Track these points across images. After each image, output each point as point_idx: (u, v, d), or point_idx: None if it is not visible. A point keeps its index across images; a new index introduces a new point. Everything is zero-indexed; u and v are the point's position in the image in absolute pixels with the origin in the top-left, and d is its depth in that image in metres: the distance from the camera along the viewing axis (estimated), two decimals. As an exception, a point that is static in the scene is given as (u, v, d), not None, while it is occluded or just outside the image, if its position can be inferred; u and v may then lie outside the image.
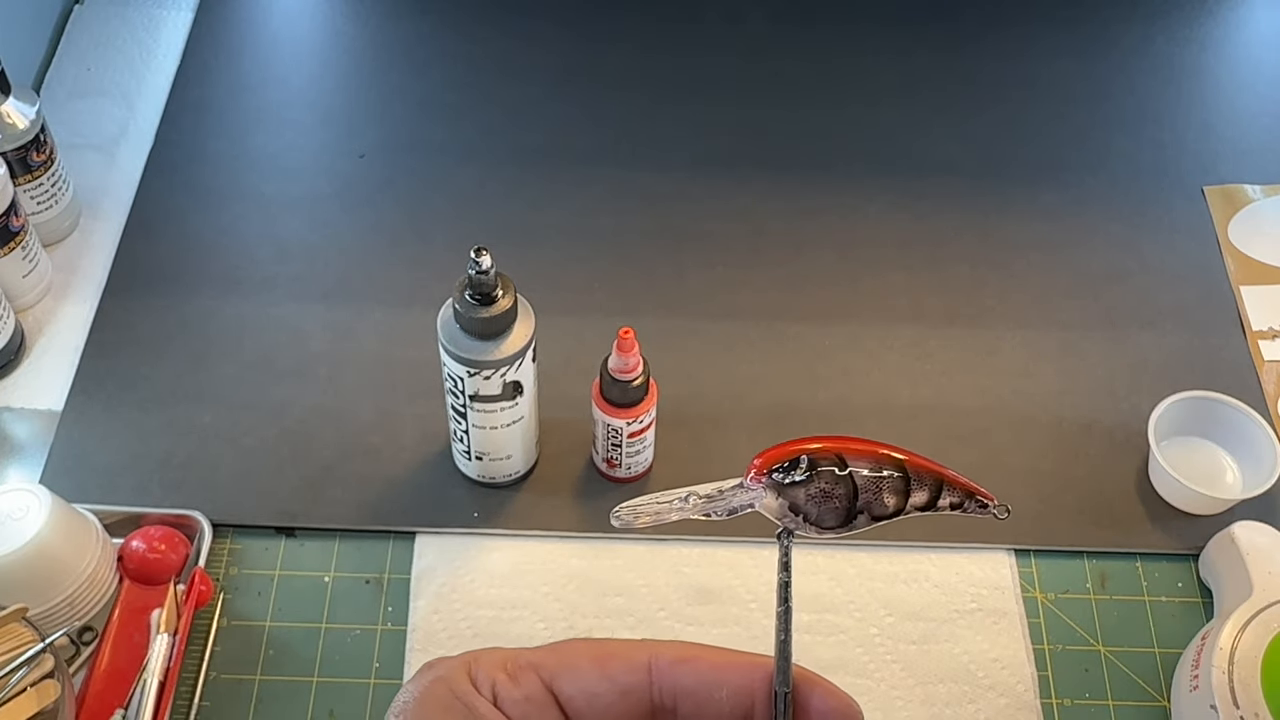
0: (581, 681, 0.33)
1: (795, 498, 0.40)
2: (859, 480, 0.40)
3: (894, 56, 1.02)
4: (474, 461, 0.74)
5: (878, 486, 0.40)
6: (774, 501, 0.40)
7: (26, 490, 0.66)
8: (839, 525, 0.40)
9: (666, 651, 0.34)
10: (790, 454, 0.40)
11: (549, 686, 0.33)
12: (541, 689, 0.33)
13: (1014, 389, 0.82)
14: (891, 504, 0.40)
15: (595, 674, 0.33)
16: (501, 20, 1.03)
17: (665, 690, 0.33)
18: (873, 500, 0.40)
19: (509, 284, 0.64)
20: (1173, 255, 0.90)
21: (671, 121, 0.97)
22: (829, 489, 0.40)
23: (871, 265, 0.88)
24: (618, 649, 0.34)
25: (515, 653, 0.34)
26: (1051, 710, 0.70)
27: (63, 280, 0.86)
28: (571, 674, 0.33)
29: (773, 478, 0.40)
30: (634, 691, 0.33)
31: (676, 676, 0.33)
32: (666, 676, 0.33)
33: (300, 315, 0.84)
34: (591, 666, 0.33)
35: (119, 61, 1.00)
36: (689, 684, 0.33)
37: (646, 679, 0.33)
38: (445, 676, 0.33)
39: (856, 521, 0.40)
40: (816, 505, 0.40)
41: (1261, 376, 0.83)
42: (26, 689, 0.60)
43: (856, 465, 0.40)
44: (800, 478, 0.39)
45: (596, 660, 0.33)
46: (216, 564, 0.73)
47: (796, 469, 0.40)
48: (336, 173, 0.92)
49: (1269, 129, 0.98)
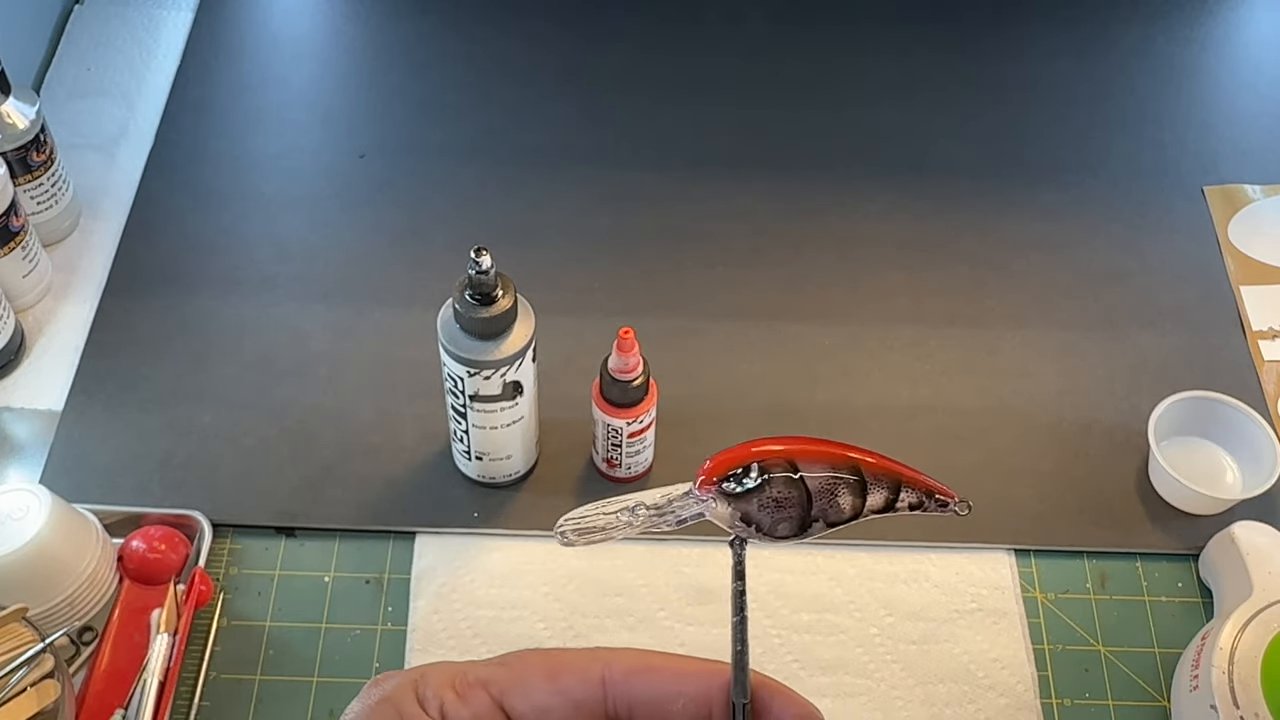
0: (533, 697, 0.32)
1: (747, 507, 0.38)
2: (812, 486, 0.38)
3: (894, 56, 1.02)
4: (474, 461, 0.74)
5: (832, 491, 0.38)
6: (725, 510, 0.38)
7: (26, 490, 0.66)
8: (794, 533, 0.38)
9: (621, 661, 0.33)
10: (739, 460, 0.38)
11: (499, 703, 0.32)
12: (491, 706, 0.32)
13: (1014, 389, 0.82)
14: (848, 508, 0.38)
15: (547, 688, 0.32)
16: (501, 20, 1.03)
17: (620, 702, 0.32)
18: (828, 506, 0.38)
19: (509, 284, 0.64)
20: (1173, 255, 0.90)
21: (671, 121, 0.97)
22: (781, 496, 0.38)
23: (871, 265, 0.88)
24: (570, 660, 0.33)
25: (463, 668, 0.33)
26: (1051, 710, 0.70)
27: (63, 280, 0.86)
28: (522, 689, 0.32)
29: (722, 487, 0.38)
30: (587, 704, 0.32)
31: (631, 687, 0.33)
32: (621, 688, 0.33)
33: (300, 315, 0.84)
34: (543, 681, 0.33)
35: (119, 61, 1.00)
36: (644, 695, 0.33)
37: (600, 691, 0.33)
38: (391, 696, 0.32)
39: (812, 528, 0.38)
40: (769, 514, 0.38)
41: (1261, 376, 0.83)
42: (26, 689, 0.60)
43: (809, 470, 0.38)
44: (751, 486, 0.38)
45: (548, 674, 0.33)
46: (216, 564, 0.73)
47: (747, 477, 0.38)
48: (336, 173, 0.92)
49: (1269, 129, 0.98)
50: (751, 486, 0.38)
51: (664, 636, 0.71)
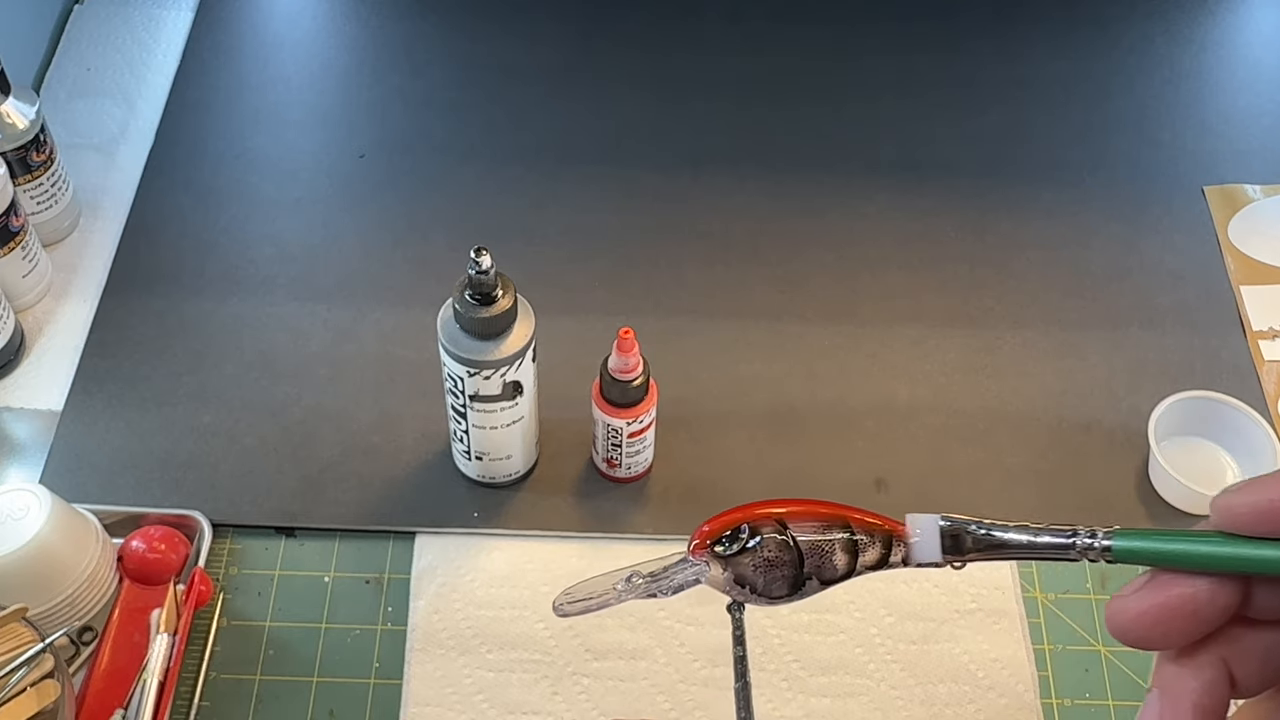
0: None
1: (740, 568, 0.39)
2: (803, 545, 0.39)
3: (894, 56, 1.02)
4: (474, 461, 0.74)
5: (823, 549, 0.39)
6: (719, 574, 0.39)
7: (26, 490, 0.66)
8: (788, 593, 0.39)
9: None
10: (730, 525, 0.39)
11: None
12: None
13: (1014, 389, 0.82)
14: (841, 565, 0.39)
15: None
16: (501, 20, 1.03)
17: None
18: (821, 564, 0.39)
19: (509, 284, 0.64)
20: (1173, 255, 0.90)
21: (671, 121, 0.97)
22: (773, 556, 0.39)
23: (871, 265, 0.88)
24: None
25: None
26: (1051, 710, 0.70)
27: (63, 280, 0.86)
28: None
29: (715, 550, 0.39)
30: None
31: None
32: None
33: (300, 315, 0.84)
34: None
35: (119, 61, 1.00)
36: None
37: None
38: None
39: (806, 587, 0.39)
40: (762, 575, 0.39)
41: (1261, 376, 0.83)
42: (26, 689, 0.60)
43: (799, 529, 0.39)
44: (742, 547, 0.39)
45: None
46: (216, 564, 0.73)
47: (737, 540, 0.39)
48: (336, 173, 0.92)
49: (1269, 129, 0.98)
50: (743, 548, 0.39)
51: (664, 637, 0.71)
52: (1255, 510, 0.29)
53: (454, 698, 0.69)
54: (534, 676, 0.69)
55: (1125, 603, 0.31)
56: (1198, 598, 0.30)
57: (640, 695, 0.69)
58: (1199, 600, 0.30)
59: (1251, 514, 0.29)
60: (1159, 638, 0.31)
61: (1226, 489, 0.30)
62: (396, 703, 0.69)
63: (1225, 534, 0.30)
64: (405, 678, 0.69)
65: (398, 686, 0.69)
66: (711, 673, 0.70)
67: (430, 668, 0.70)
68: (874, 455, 0.79)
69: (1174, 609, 0.30)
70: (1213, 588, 0.30)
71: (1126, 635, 0.31)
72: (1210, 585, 0.30)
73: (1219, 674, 0.30)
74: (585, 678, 0.70)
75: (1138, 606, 0.31)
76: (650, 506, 0.76)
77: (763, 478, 0.77)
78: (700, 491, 0.77)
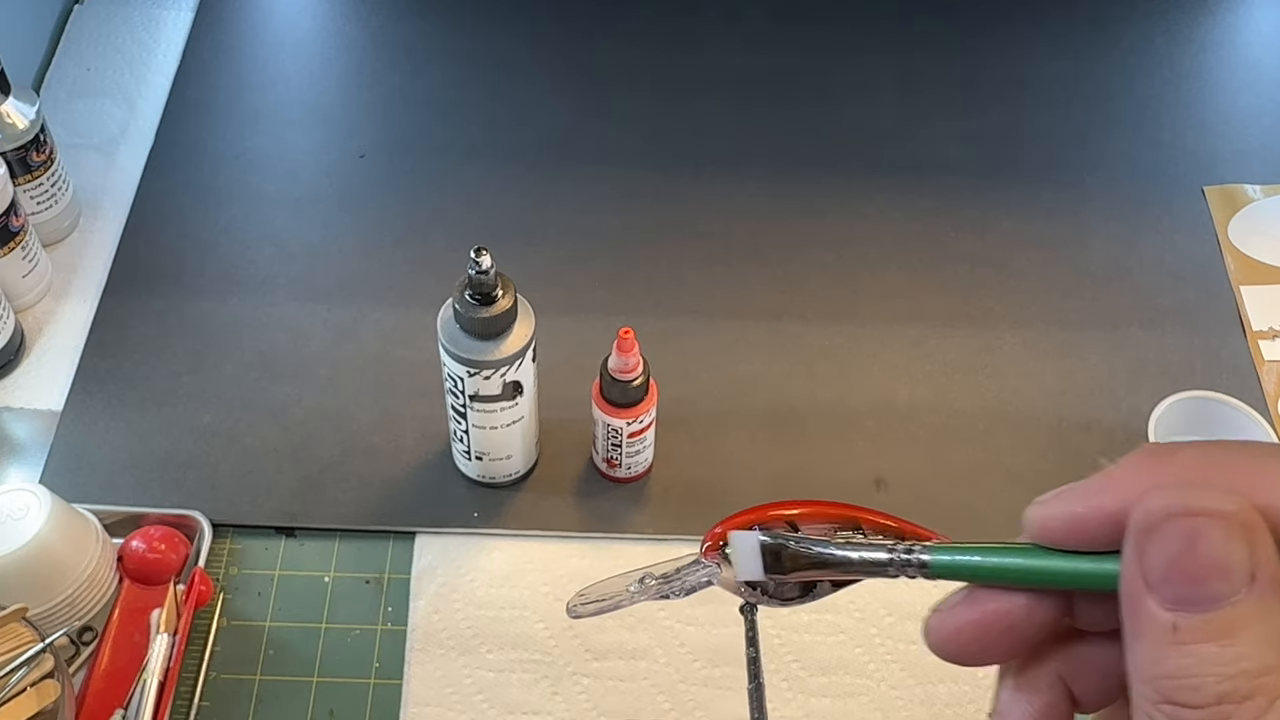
0: None
1: None
2: None
3: (894, 55, 1.02)
4: (474, 461, 0.74)
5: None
6: (732, 576, 0.39)
7: (26, 490, 0.66)
8: (800, 595, 0.38)
9: None
10: (742, 526, 0.38)
11: None
12: None
13: (1014, 389, 0.82)
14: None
15: None
16: (501, 19, 1.03)
17: None
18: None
19: (509, 284, 0.64)
20: (1173, 255, 0.90)
21: (671, 120, 0.97)
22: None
23: (871, 265, 0.88)
24: None
25: None
26: (1051, 710, 0.70)
27: (63, 280, 0.86)
28: None
29: (726, 552, 0.39)
30: None
31: None
32: None
33: (300, 315, 0.84)
34: None
35: (119, 61, 1.00)
36: None
37: None
38: None
39: (818, 589, 0.38)
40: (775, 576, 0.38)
41: (1261, 376, 0.83)
42: (26, 689, 0.60)
43: (811, 531, 0.38)
44: None
45: None
46: (216, 564, 0.73)
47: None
48: (336, 173, 0.92)
49: (1269, 129, 0.98)
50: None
51: (664, 636, 0.71)
52: (1066, 522, 0.28)
53: (454, 698, 0.69)
54: (534, 676, 0.69)
55: (942, 618, 0.30)
56: (1014, 613, 0.29)
57: (640, 695, 0.69)
58: (1015, 615, 0.29)
59: (1063, 526, 0.28)
60: (977, 654, 0.30)
61: (1037, 500, 0.29)
62: (396, 703, 0.69)
63: (1040, 546, 0.28)
64: (405, 678, 0.69)
65: (398, 686, 0.69)
66: (711, 673, 0.70)
67: (430, 668, 0.70)
68: (874, 455, 0.79)
69: (990, 625, 0.29)
70: (1030, 603, 0.29)
71: (945, 651, 0.30)
72: (1027, 600, 0.29)
73: (1057, 694, 0.29)
74: (585, 678, 0.70)
75: (954, 622, 0.30)
76: (650, 506, 0.76)
77: (763, 478, 0.77)
78: (700, 491, 0.77)
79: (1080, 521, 0.28)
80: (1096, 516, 0.27)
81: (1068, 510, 0.28)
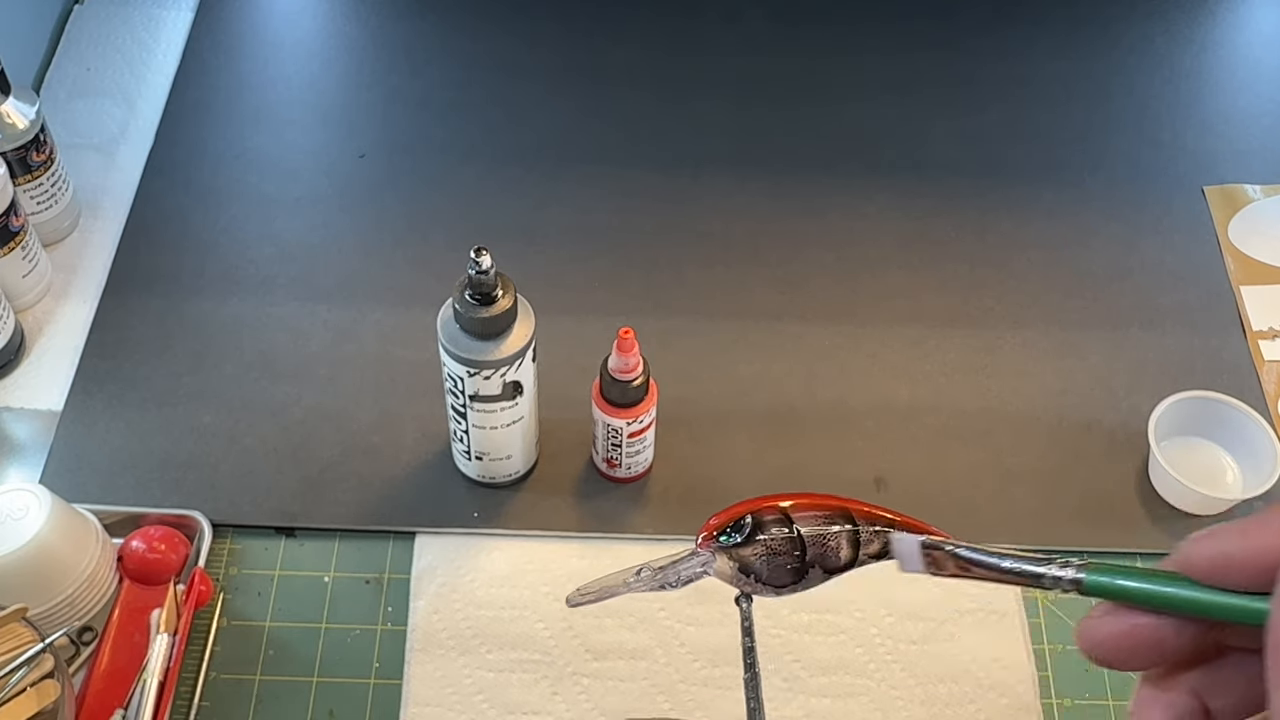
0: None
1: (745, 559, 0.40)
2: (806, 535, 0.40)
3: (893, 55, 1.02)
4: (474, 461, 0.74)
5: (825, 538, 0.40)
6: (726, 566, 0.41)
7: (26, 490, 0.66)
8: (793, 582, 0.40)
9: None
10: (734, 516, 0.40)
11: None
12: None
13: (1014, 389, 0.82)
14: (844, 554, 0.40)
15: None
16: (501, 19, 1.03)
17: None
18: (823, 553, 0.40)
19: (509, 284, 0.64)
20: (1173, 255, 0.90)
21: (671, 121, 0.97)
22: (777, 546, 0.40)
23: (871, 265, 0.88)
24: None
25: None
26: (1051, 710, 0.70)
27: (63, 280, 0.86)
28: None
29: (720, 541, 0.40)
30: None
31: None
32: None
33: (300, 315, 0.84)
34: None
35: (119, 61, 1.00)
36: None
37: None
38: None
39: (810, 576, 0.40)
40: (767, 564, 0.40)
41: (1261, 376, 0.83)
42: (26, 689, 0.60)
43: (802, 519, 0.40)
44: (746, 536, 0.40)
45: None
46: (216, 564, 0.73)
47: (742, 530, 0.40)
48: (336, 173, 0.92)
49: (1269, 129, 0.98)
50: (747, 537, 0.40)
51: (664, 636, 0.71)
52: (1216, 560, 0.29)
53: (454, 698, 0.69)
54: (534, 676, 0.69)
55: (1095, 624, 0.32)
56: (1159, 630, 0.31)
57: (640, 695, 0.69)
58: (1161, 633, 0.31)
59: (1212, 565, 0.30)
60: (1125, 661, 0.31)
61: (1192, 536, 0.30)
62: (396, 703, 0.69)
63: (1189, 579, 0.30)
64: (405, 678, 0.69)
65: (398, 686, 0.69)
66: (711, 673, 0.70)
67: (430, 668, 0.70)
68: (874, 455, 0.79)
69: (1136, 638, 0.31)
70: (1176, 624, 0.31)
71: (1094, 655, 0.32)
72: (1174, 621, 0.31)
73: (1190, 706, 0.31)
74: (585, 678, 0.70)
75: (1104, 631, 0.32)
76: (650, 506, 0.76)
77: (763, 478, 0.77)
78: (700, 491, 0.77)
79: (1229, 561, 0.29)
80: (1246, 558, 0.29)
81: (1219, 549, 0.29)
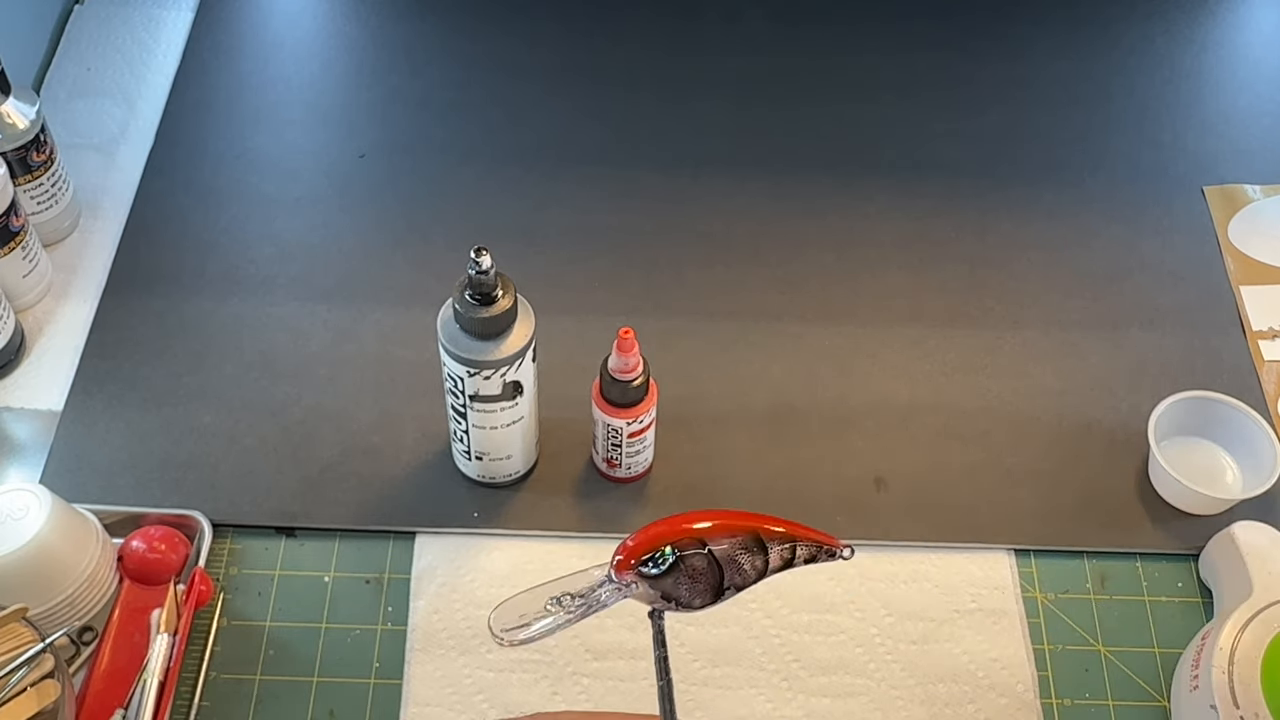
0: None
1: (664, 585, 0.42)
2: (721, 557, 0.42)
3: (894, 56, 1.02)
4: (474, 461, 0.74)
5: (737, 560, 0.43)
6: (645, 590, 0.43)
7: (26, 490, 0.66)
8: (709, 602, 0.43)
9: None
10: (652, 545, 0.43)
11: None
12: None
13: (1014, 389, 0.82)
14: (752, 571, 0.43)
15: None
16: (501, 20, 1.03)
17: None
18: (736, 573, 0.43)
19: (509, 284, 0.64)
20: (1173, 255, 0.90)
21: (671, 121, 0.97)
22: (695, 570, 0.42)
23: (871, 265, 0.88)
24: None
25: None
26: (1051, 710, 0.70)
27: (63, 280, 0.86)
28: None
29: (640, 570, 0.42)
30: None
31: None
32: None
33: (300, 315, 0.84)
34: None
35: (119, 61, 1.00)
36: None
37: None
38: None
39: (725, 594, 0.43)
40: (686, 589, 0.42)
41: (1261, 376, 0.83)
42: (26, 689, 0.60)
43: (716, 543, 0.43)
44: (666, 567, 0.42)
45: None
46: (216, 564, 0.73)
47: (662, 559, 0.42)
48: (336, 173, 0.92)
49: (1269, 129, 0.98)
50: (668, 567, 0.43)
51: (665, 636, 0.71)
52: None
53: (454, 698, 0.69)
54: (534, 676, 0.69)
55: None
56: None
57: (640, 695, 0.69)
58: None
59: None
60: None
61: None
62: (396, 703, 0.69)
63: None
64: (405, 678, 0.69)
65: (398, 686, 0.69)
66: (711, 673, 0.70)
67: (430, 668, 0.70)
68: (874, 455, 0.79)
69: None
70: None
71: None
72: None
73: None
74: (585, 678, 0.70)
75: None
76: (650, 506, 0.76)
77: (762, 477, 0.77)
78: (700, 491, 0.77)
79: None
80: None
81: None
